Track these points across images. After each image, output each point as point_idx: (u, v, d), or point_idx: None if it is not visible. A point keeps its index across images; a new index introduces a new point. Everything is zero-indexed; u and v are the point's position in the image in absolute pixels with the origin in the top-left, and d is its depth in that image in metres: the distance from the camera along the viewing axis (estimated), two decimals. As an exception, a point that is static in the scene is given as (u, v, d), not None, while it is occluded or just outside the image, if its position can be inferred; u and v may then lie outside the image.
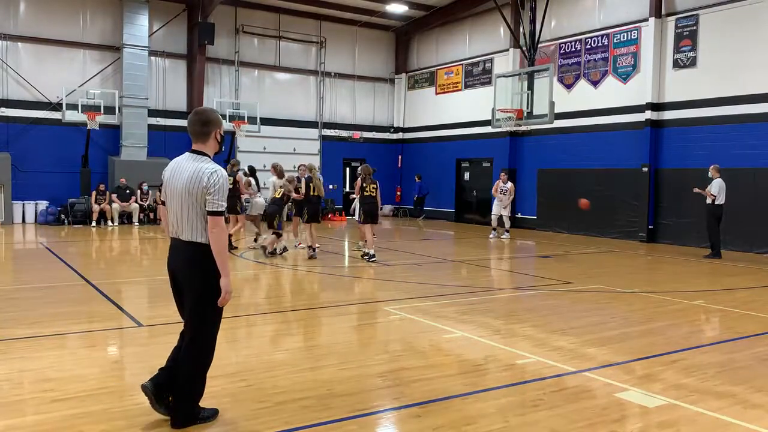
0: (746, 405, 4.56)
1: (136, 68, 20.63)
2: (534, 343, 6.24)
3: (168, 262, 4.11)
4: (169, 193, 4.01)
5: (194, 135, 4.02)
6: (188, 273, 3.96)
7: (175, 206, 3.96)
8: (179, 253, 4.01)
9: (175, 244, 4.05)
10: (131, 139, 20.62)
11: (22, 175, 19.24)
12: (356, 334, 6.75)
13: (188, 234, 3.93)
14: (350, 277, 10.85)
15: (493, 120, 16.40)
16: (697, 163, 15.69)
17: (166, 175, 4.06)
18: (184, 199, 3.90)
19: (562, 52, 19.64)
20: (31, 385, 4.75)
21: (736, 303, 8.51)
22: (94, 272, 10.65)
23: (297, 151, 23.63)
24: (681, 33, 16.45)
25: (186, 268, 3.97)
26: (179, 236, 3.99)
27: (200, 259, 3.91)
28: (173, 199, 3.98)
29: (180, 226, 3.96)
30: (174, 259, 4.06)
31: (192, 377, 4.00)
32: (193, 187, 3.87)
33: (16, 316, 7.02)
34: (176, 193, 3.95)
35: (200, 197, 3.86)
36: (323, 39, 24.70)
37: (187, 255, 3.95)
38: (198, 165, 3.92)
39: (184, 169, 3.95)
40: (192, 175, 3.89)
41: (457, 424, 4.08)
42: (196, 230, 3.91)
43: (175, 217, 3.97)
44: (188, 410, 4.00)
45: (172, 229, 4.04)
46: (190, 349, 4.01)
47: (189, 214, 3.91)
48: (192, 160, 3.97)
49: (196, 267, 3.93)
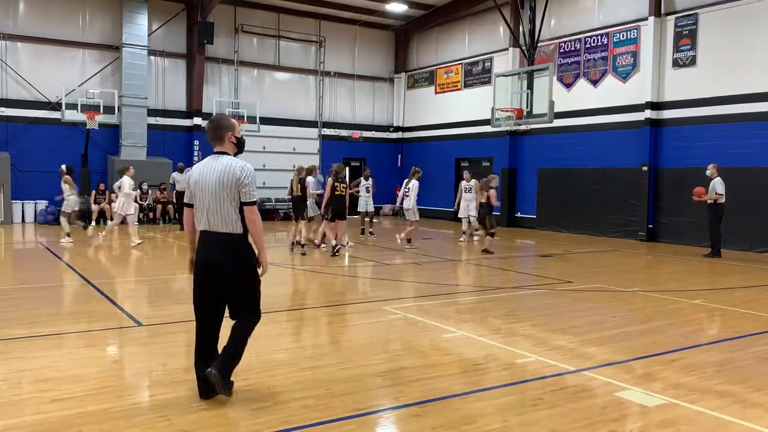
0: (746, 404, 4.56)
1: (136, 68, 20.62)
2: (534, 343, 6.23)
3: (200, 255, 4.40)
4: (200, 193, 4.37)
5: (211, 139, 4.49)
6: (227, 261, 4.31)
7: (209, 202, 4.32)
8: (214, 244, 4.34)
9: (207, 236, 4.38)
10: (131, 139, 20.61)
11: (21, 175, 19.23)
12: (356, 334, 6.75)
13: (222, 226, 4.32)
14: (349, 276, 10.85)
15: (493, 119, 16.37)
16: (697, 162, 15.68)
17: (193, 178, 4.43)
18: (218, 191, 4.29)
19: (561, 52, 19.63)
20: (30, 384, 4.75)
21: (736, 302, 8.50)
22: (94, 272, 10.64)
23: (296, 150, 23.63)
24: (680, 32, 16.45)
25: (223, 257, 4.31)
26: (214, 229, 4.34)
27: (237, 247, 4.35)
28: (205, 197, 4.34)
29: (215, 220, 4.33)
30: (209, 250, 4.36)
31: (245, 340, 4.44)
32: (226, 180, 4.28)
33: (15, 316, 7.01)
34: (208, 191, 4.32)
35: (233, 190, 4.28)
36: (323, 38, 24.69)
37: (224, 245, 4.33)
38: (226, 161, 4.36)
39: (213, 167, 4.35)
40: (223, 170, 4.30)
41: (456, 424, 4.08)
42: (230, 221, 4.31)
43: (208, 213, 4.34)
44: (231, 367, 4.41)
45: (204, 224, 4.37)
46: (246, 315, 4.43)
47: (223, 207, 4.30)
48: (217, 159, 4.40)
49: (235, 255, 4.34)
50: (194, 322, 4.49)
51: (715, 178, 13.33)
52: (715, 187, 13.25)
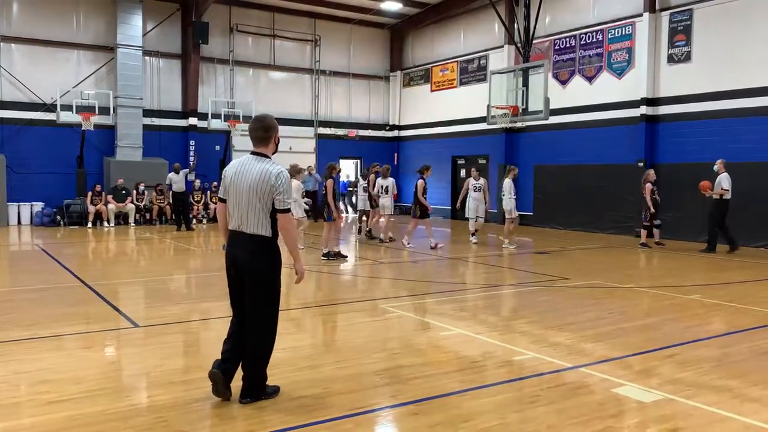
0: (743, 399, 4.58)
1: (131, 68, 20.56)
2: (531, 340, 6.25)
3: (228, 254, 4.44)
4: (234, 190, 4.38)
5: (256, 140, 4.45)
6: (252, 263, 4.33)
7: (242, 202, 4.34)
8: (242, 244, 4.36)
9: (236, 236, 4.40)
10: (126, 140, 20.56)
11: (17, 177, 19.17)
12: (353, 333, 6.75)
13: (253, 228, 4.33)
14: (347, 275, 10.85)
15: (489, 117, 16.36)
16: (693, 157, 15.74)
17: (228, 173, 4.44)
18: (251, 197, 4.30)
19: (556, 48, 19.64)
20: (28, 387, 4.74)
21: (733, 297, 8.52)
22: (91, 273, 10.62)
23: (293, 149, 23.59)
24: (675, 28, 16.47)
25: (250, 259, 4.33)
26: (243, 230, 4.35)
27: (264, 250, 4.34)
28: (238, 196, 4.36)
29: (244, 221, 4.34)
30: (236, 250, 4.38)
31: (263, 356, 4.44)
32: (260, 185, 4.28)
33: (12, 318, 7.00)
34: (243, 191, 4.33)
35: (267, 196, 4.29)
36: (318, 37, 24.67)
37: (252, 247, 4.33)
38: (264, 166, 4.34)
39: (250, 169, 4.35)
40: (259, 175, 4.30)
41: (454, 422, 4.08)
42: (261, 224, 4.32)
43: (239, 212, 4.36)
44: (258, 387, 4.43)
45: (235, 223, 4.39)
46: (258, 330, 4.39)
47: (255, 210, 4.31)
48: (256, 161, 4.39)
49: (261, 257, 4.34)
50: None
51: (722, 173, 13.34)
52: (721, 182, 13.29)
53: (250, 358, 4.41)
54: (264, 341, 4.42)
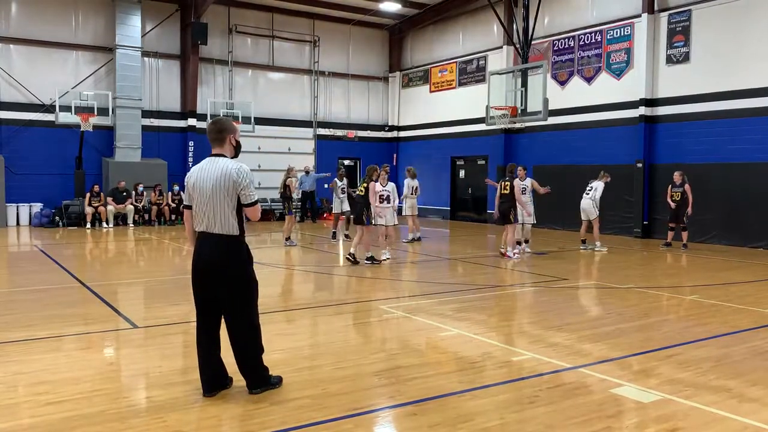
0: (741, 399, 4.58)
1: (129, 69, 20.54)
2: (530, 340, 6.25)
3: (197, 256, 4.46)
4: (198, 194, 4.42)
5: (213, 141, 4.52)
6: (224, 262, 4.38)
7: (206, 204, 4.37)
8: (211, 245, 4.40)
9: (205, 238, 4.43)
10: (125, 141, 20.54)
11: (15, 178, 19.15)
12: (352, 333, 6.75)
13: (220, 227, 4.37)
14: (346, 276, 10.84)
15: (488, 117, 16.37)
16: (692, 158, 15.75)
17: (191, 179, 4.48)
18: (216, 196, 4.34)
19: (555, 49, 19.65)
20: (26, 388, 4.73)
21: (731, 297, 8.53)
22: (89, 274, 10.61)
23: (292, 150, 23.62)
24: (674, 29, 16.48)
25: (222, 259, 4.37)
26: (211, 230, 4.39)
27: (234, 249, 4.41)
28: (203, 199, 4.39)
29: (212, 222, 4.38)
30: (205, 251, 4.42)
31: (255, 354, 4.54)
32: (223, 182, 4.32)
33: (10, 319, 6.99)
34: (207, 192, 4.36)
35: (231, 193, 4.34)
36: (317, 38, 24.67)
37: (221, 247, 4.38)
38: (223, 164, 4.38)
39: (210, 170, 4.40)
40: (220, 173, 4.34)
41: (453, 422, 4.08)
42: (228, 224, 4.37)
43: (205, 215, 4.39)
44: (262, 377, 4.57)
45: (202, 226, 4.43)
46: (243, 331, 4.49)
47: (220, 208, 4.35)
48: (214, 162, 4.43)
49: (231, 256, 4.39)
50: (192, 323, 4.49)
51: None
52: None
53: (244, 359, 4.51)
54: (252, 339, 4.52)
